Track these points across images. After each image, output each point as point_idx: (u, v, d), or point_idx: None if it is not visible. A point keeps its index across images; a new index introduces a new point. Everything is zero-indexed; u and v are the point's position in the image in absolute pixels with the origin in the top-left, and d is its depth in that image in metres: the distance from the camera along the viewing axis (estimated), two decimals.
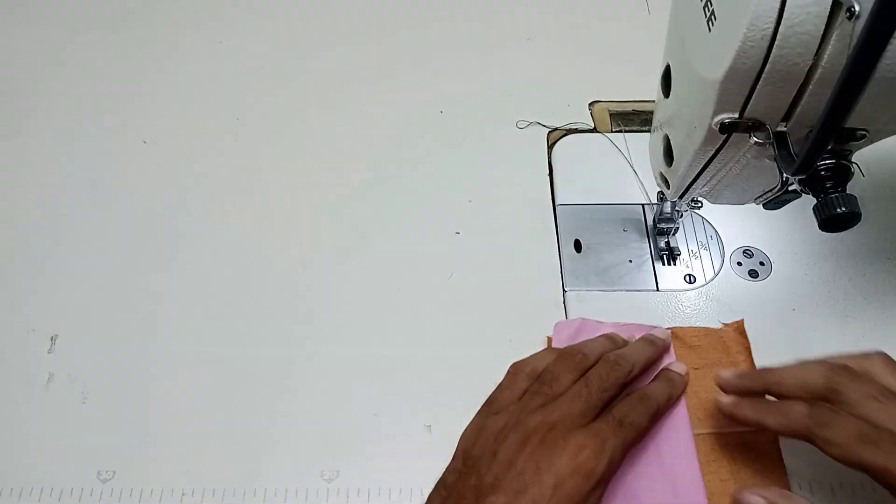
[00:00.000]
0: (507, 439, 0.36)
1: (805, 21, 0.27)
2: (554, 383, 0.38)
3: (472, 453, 0.37)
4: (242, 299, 0.49)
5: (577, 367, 0.39)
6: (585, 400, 0.37)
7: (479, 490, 0.35)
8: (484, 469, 0.36)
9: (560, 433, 0.36)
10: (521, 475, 0.34)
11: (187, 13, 0.67)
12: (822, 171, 0.33)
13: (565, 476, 0.34)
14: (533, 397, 0.38)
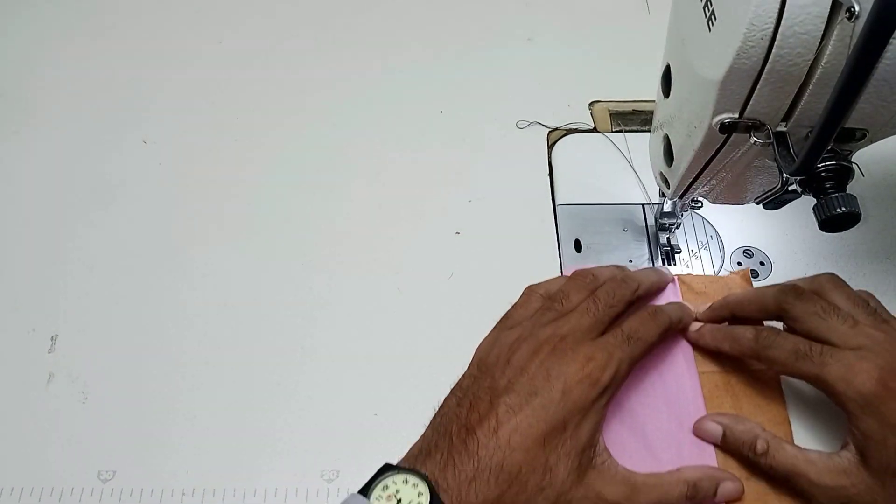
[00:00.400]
0: (520, 349, 0.39)
1: (805, 21, 0.27)
2: (564, 301, 0.41)
3: (486, 361, 0.40)
4: (242, 299, 0.49)
5: (586, 287, 0.42)
6: (593, 315, 0.40)
7: (493, 391, 0.37)
8: (498, 374, 0.38)
9: (569, 344, 0.38)
10: (533, 380, 0.37)
11: (187, 12, 0.67)
12: (822, 171, 0.33)
13: (573, 383, 0.36)
14: (545, 313, 0.41)
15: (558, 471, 0.35)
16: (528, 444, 0.35)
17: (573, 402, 0.36)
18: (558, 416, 0.36)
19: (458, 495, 0.34)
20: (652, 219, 0.52)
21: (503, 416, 0.36)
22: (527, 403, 0.36)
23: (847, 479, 0.36)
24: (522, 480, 0.35)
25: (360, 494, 0.35)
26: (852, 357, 0.36)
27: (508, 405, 0.36)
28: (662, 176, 0.43)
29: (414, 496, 0.34)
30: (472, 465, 0.35)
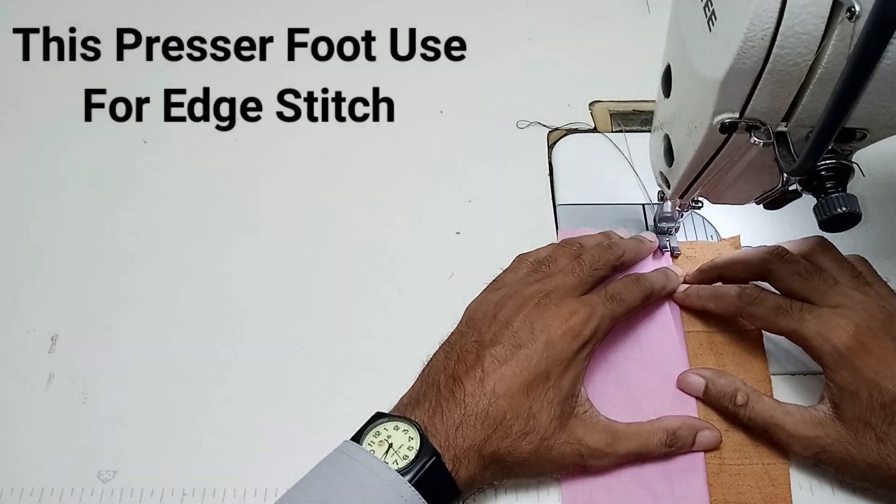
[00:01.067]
0: (506, 305, 0.41)
1: (805, 21, 0.27)
2: (551, 264, 0.44)
3: (474, 317, 0.42)
4: (242, 299, 0.49)
5: (573, 253, 0.44)
6: (577, 275, 0.42)
7: (480, 344, 0.40)
8: (485, 328, 0.41)
9: (553, 300, 0.40)
10: (518, 332, 0.39)
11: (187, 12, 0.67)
12: (822, 171, 0.33)
13: (556, 336, 0.39)
14: (531, 275, 0.44)
15: (541, 417, 0.38)
16: (513, 392, 0.37)
17: (556, 353, 0.38)
18: (541, 366, 0.38)
19: (447, 439, 0.36)
20: (652, 219, 0.52)
21: (489, 366, 0.38)
22: (512, 355, 0.38)
23: (822, 429, 0.38)
24: (507, 426, 0.37)
25: (353, 441, 0.37)
26: (830, 314, 0.38)
27: (494, 356, 0.39)
28: (662, 176, 0.43)
29: (405, 441, 0.36)
30: (459, 411, 0.37)
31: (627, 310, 0.42)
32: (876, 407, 0.36)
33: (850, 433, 0.37)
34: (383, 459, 0.35)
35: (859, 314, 0.38)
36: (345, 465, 0.36)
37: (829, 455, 0.38)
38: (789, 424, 0.39)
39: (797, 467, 0.41)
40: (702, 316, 0.46)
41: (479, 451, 0.37)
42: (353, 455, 0.36)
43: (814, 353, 0.38)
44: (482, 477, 0.38)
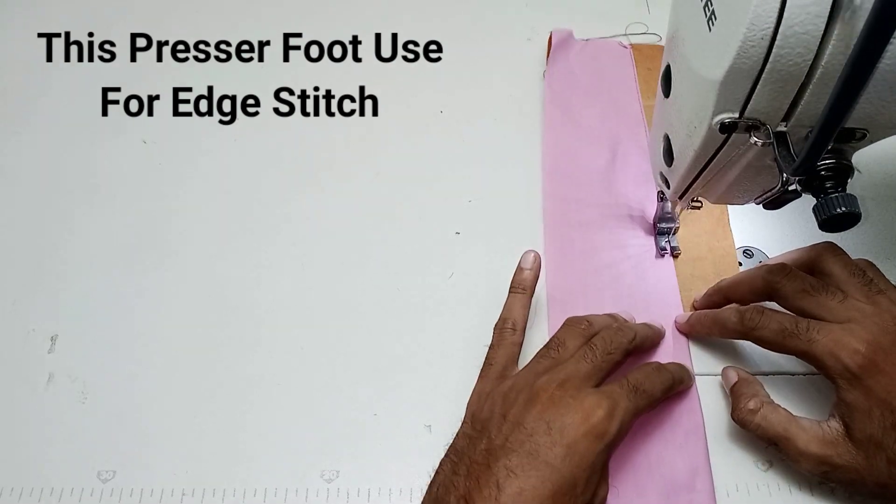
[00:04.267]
0: (516, 401, 0.37)
1: (805, 21, 0.27)
2: (560, 348, 0.40)
3: (480, 416, 0.38)
4: (242, 299, 0.49)
5: (581, 333, 0.40)
6: (591, 361, 0.38)
7: (490, 453, 0.35)
8: (494, 431, 0.36)
9: (569, 392, 0.36)
10: (532, 436, 0.35)
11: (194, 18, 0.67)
12: (822, 171, 0.33)
13: (578, 437, 0.34)
14: (539, 361, 0.39)
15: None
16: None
17: (579, 457, 0.34)
18: (564, 475, 0.33)
19: None
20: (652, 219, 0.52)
21: (504, 481, 0.33)
22: (529, 464, 0.34)
23: (833, 449, 0.37)
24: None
25: None
26: (839, 331, 0.36)
27: (508, 468, 0.34)
28: (662, 176, 0.43)
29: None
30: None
31: (651, 403, 0.38)
32: (888, 428, 0.35)
33: (860, 454, 0.36)
34: None
35: (870, 330, 0.36)
36: None
37: (838, 475, 0.37)
38: (802, 441, 0.38)
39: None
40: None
41: None
42: None
43: (825, 372, 0.37)
44: None
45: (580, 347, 0.39)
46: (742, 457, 0.42)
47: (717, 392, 0.45)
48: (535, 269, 0.45)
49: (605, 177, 0.53)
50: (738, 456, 0.42)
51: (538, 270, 0.46)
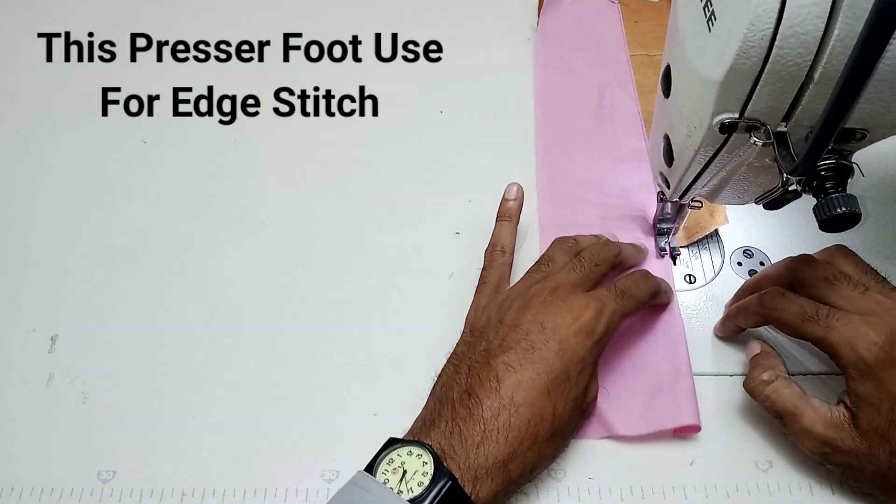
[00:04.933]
0: (511, 307, 0.40)
1: (805, 21, 0.27)
2: (550, 263, 0.43)
3: (478, 325, 0.41)
4: (242, 299, 0.49)
5: (569, 250, 0.44)
6: (580, 271, 0.42)
7: (489, 353, 0.38)
8: (492, 334, 0.39)
9: (559, 297, 0.39)
10: (528, 335, 0.38)
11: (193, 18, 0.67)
12: (822, 171, 0.33)
13: (569, 334, 0.38)
14: (531, 275, 0.43)
15: (565, 416, 0.37)
16: (533, 397, 0.36)
17: (571, 352, 0.38)
18: (558, 366, 0.37)
19: (466, 459, 0.35)
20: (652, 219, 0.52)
21: (503, 374, 0.37)
22: (525, 359, 0.37)
23: (837, 432, 0.37)
24: (533, 432, 0.36)
25: (366, 471, 0.35)
26: (859, 322, 0.37)
27: (507, 363, 0.37)
28: (662, 176, 0.43)
29: (419, 466, 0.35)
30: (478, 428, 0.36)
31: (637, 306, 0.41)
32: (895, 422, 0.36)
33: (864, 443, 0.37)
34: (398, 489, 0.34)
35: (889, 323, 0.36)
36: (356, 497, 0.35)
37: (838, 458, 0.38)
38: (808, 419, 0.38)
39: (800, 467, 0.42)
40: None
41: (504, 466, 0.35)
42: (365, 486, 0.35)
43: (839, 361, 0.37)
44: (506, 490, 0.36)
45: (569, 260, 0.43)
46: (742, 457, 0.42)
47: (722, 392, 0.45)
48: (519, 198, 0.49)
49: (595, 117, 0.57)
50: (738, 456, 0.42)
51: (521, 200, 0.49)
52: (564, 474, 0.42)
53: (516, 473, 0.36)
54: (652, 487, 0.41)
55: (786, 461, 0.42)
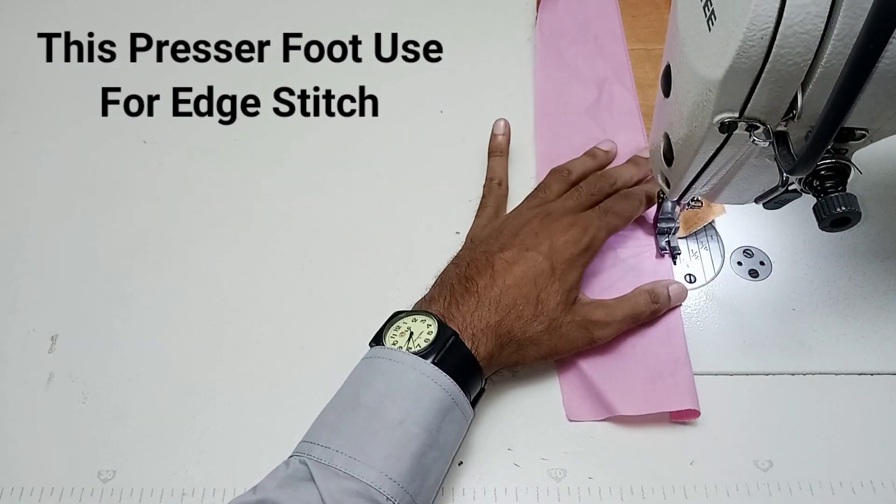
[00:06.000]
0: (509, 224, 0.46)
1: (805, 21, 0.27)
2: (546, 190, 0.48)
3: (479, 236, 0.47)
4: (242, 299, 0.49)
5: (565, 179, 0.49)
6: (576, 199, 0.47)
7: (488, 253, 0.44)
8: (492, 241, 0.45)
9: (554, 217, 0.45)
10: (524, 240, 0.44)
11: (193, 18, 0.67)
12: (822, 171, 0.33)
13: (560, 244, 0.43)
14: (530, 200, 0.48)
15: (549, 302, 0.42)
16: (522, 283, 0.42)
17: (559, 255, 0.43)
18: (546, 263, 0.42)
19: (464, 321, 0.40)
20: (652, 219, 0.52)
21: (499, 266, 0.42)
22: (520, 256, 0.43)
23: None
24: (518, 310, 0.41)
25: (374, 343, 0.40)
26: None
27: (503, 259, 0.43)
28: (662, 176, 0.43)
29: (423, 328, 0.39)
30: (473, 300, 0.41)
31: (621, 222, 0.47)
32: None
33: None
34: (406, 347, 0.38)
35: None
36: (369, 364, 0.39)
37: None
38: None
39: (800, 466, 0.42)
40: None
41: (495, 330, 0.40)
42: (376, 354, 0.39)
43: None
44: (500, 355, 0.41)
45: (564, 192, 0.48)
46: (742, 457, 0.42)
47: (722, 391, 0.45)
48: (507, 132, 0.54)
49: (593, 112, 0.58)
50: (738, 456, 0.42)
51: (509, 133, 0.55)
52: (564, 474, 0.42)
53: (505, 340, 0.41)
54: (652, 487, 0.41)
55: (786, 461, 0.42)
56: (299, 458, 0.36)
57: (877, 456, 0.42)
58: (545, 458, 0.42)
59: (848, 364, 0.45)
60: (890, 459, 0.42)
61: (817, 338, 0.46)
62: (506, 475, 0.42)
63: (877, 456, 0.42)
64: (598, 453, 0.43)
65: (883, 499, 0.41)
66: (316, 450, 0.36)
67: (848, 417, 0.44)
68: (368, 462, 0.34)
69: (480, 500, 0.41)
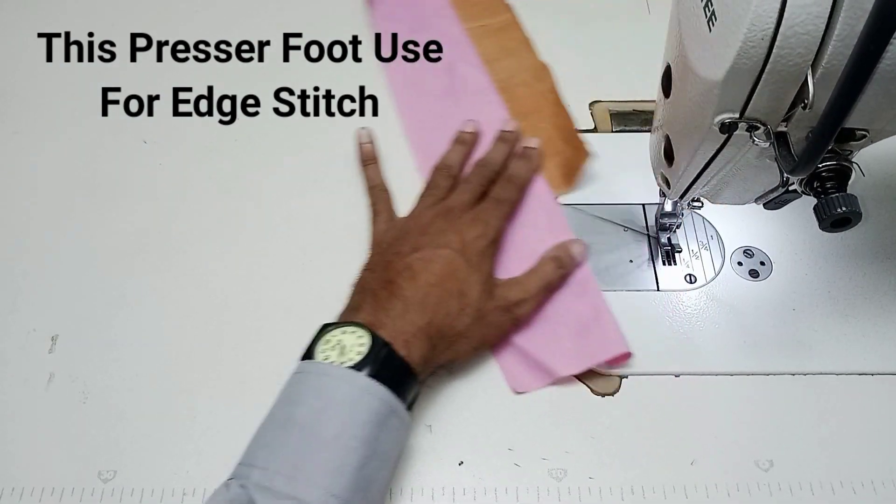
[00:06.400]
0: (414, 226, 0.47)
1: (805, 21, 0.27)
2: (436, 189, 0.50)
3: (385, 240, 0.48)
4: (243, 299, 0.49)
5: (449, 175, 0.52)
6: (470, 192, 0.49)
7: (401, 255, 0.44)
8: (401, 244, 0.45)
9: (457, 213, 0.47)
10: (435, 238, 0.45)
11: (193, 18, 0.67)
12: (822, 172, 0.33)
13: (469, 238, 0.45)
14: (424, 200, 0.50)
15: (472, 294, 0.43)
16: (443, 279, 0.43)
17: (471, 248, 0.45)
18: (461, 257, 0.44)
19: (394, 328, 0.40)
20: (652, 219, 0.52)
21: (417, 267, 0.43)
22: (434, 255, 0.44)
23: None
24: (445, 307, 0.42)
25: (305, 358, 0.39)
26: None
27: (420, 259, 0.43)
28: (662, 176, 0.43)
29: (354, 340, 0.38)
30: (399, 304, 0.41)
31: (510, 207, 0.50)
32: None
33: None
34: (339, 361, 0.37)
35: None
36: (301, 380, 0.38)
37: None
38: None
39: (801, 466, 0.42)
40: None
41: (426, 332, 0.40)
42: (306, 369, 0.38)
43: None
44: (433, 356, 0.41)
45: (451, 187, 0.51)
46: (742, 457, 0.42)
47: (722, 391, 0.45)
48: (372, 138, 0.56)
49: (451, 96, 0.59)
50: (739, 456, 0.42)
51: (373, 139, 0.56)
52: (565, 474, 0.42)
53: (436, 340, 0.41)
54: (653, 487, 0.41)
55: (787, 461, 0.42)
56: (239, 482, 0.35)
57: (877, 456, 0.42)
58: (545, 458, 0.43)
59: (848, 364, 0.45)
60: (890, 459, 0.42)
61: (817, 338, 0.47)
62: (506, 475, 0.42)
63: (877, 456, 0.42)
64: (598, 453, 0.43)
65: (884, 499, 0.41)
66: (255, 473, 0.35)
67: (848, 417, 0.44)
68: (309, 481, 0.34)
69: (480, 500, 0.41)
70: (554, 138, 0.56)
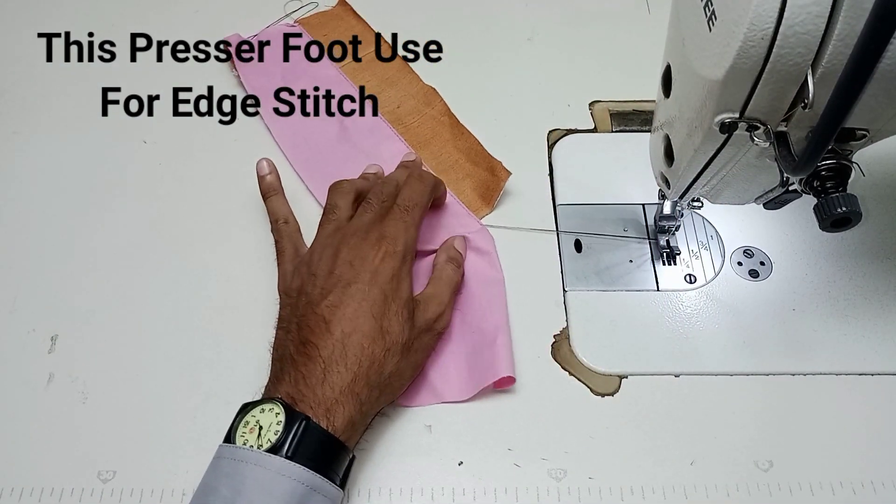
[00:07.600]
0: (320, 260, 0.43)
1: (805, 21, 0.27)
2: (336, 210, 0.46)
3: (293, 287, 0.44)
4: (243, 298, 0.49)
5: (348, 191, 0.47)
6: (372, 211, 0.45)
7: (311, 304, 0.41)
8: (310, 288, 0.42)
9: (360, 237, 0.44)
10: (342, 276, 0.42)
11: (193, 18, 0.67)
12: (822, 172, 0.33)
13: (377, 263, 0.42)
14: (325, 227, 0.46)
15: (394, 328, 0.41)
16: (360, 323, 0.40)
17: (382, 275, 0.42)
18: (375, 290, 0.41)
19: (315, 397, 0.38)
20: (652, 219, 0.52)
21: (329, 315, 0.40)
22: (345, 295, 0.41)
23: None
24: (369, 353, 0.39)
25: (225, 442, 0.37)
26: None
27: (329, 305, 0.41)
28: (663, 176, 0.43)
29: (272, 418, 0.37)
30: (319, 367, 0.39)
31: (422, 210, 0.47)
32: None
33: None
34: (255, 444, 0.36)
35: None
36: (216, 466, 0.37)
37: None
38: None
39: (800, 467, 0.42)
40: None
41: (351, 391, 0.38)
42: (222, 455, 0.37)
43: None
44: (363, 412, 0.39)
45: (352, 205, 0.47)
46: (742, 457, 0.42)
47: (722, 391, 0.45)
48: (274, 170, 0.52)
49: (346, 140, 0.57)
50: (738, 456, 0.42)
51: (276, 170, 0.52)
52: (564, 474, 0.42)
53: (365, 395, 0.39)
54: (652, 487, 0.41)
55: (786, 461, 0.42)
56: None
57: (877, 456, 0.42)
58: (545, 458, 0.43)
59: (848, 364, 0.45)
60: (890, 459, 0.42)
61: (817, 338, 0.47)
62: (506, 475, 0.42)
63: (877, 456, 0.42)
64: (598, 453, 0.43)
65: (883, 499, 0.41)
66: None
67: (848, 417, 0.44)
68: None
69: (480, 500, 0.41)
70: (461, 161, 0.55)
